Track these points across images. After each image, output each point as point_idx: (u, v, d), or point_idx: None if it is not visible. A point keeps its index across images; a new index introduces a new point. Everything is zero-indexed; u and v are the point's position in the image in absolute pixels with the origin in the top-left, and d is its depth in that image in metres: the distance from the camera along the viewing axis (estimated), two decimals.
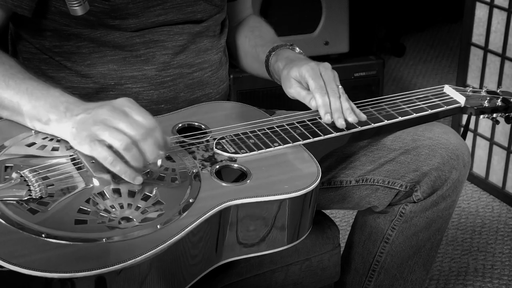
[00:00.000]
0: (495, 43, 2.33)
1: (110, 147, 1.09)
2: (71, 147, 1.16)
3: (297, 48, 1.43)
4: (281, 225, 1.17)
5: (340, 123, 1.28)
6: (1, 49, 1.25)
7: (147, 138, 1.08)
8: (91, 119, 1.10)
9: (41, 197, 1.06)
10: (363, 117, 1.30)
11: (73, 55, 1.32)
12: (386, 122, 1.34)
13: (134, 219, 1.05)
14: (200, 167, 1.17)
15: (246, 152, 1.21)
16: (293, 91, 1.33)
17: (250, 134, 1.25)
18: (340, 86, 1.30)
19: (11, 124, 1.20)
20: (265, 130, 1.27)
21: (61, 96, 1.16)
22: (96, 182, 1.10)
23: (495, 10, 2.31)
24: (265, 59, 1.44)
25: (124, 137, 1.07)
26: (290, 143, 1.24)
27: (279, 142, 1.24)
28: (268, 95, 2.43)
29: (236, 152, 1.21)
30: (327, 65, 1.32)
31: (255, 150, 1.21)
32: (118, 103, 1.11)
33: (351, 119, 1.28)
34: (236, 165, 1.19)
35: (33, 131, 1.19)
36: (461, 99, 1.42)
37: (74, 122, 1.12)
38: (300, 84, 1.32)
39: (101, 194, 1.08)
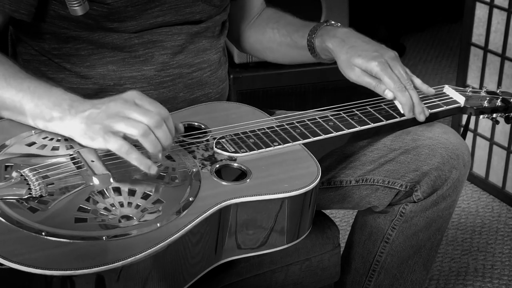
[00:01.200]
0: (495, 43, 2.34)
1: (124, 138, 1.10)
2: (71, 147, 1.16)
3: (332, 21, 1.44)
4: (281, 224, 1.17)
5: (422, 118, 1.33)
6: (2, 50, 1.25)
7: (162, 125, 1.11)
8: (103, 113, 1.11)
9: (41, 196, 1.06)
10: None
11: (72, 57, 1.32)
12: (385, 122, 1.34)
13: (134, 218, 1.05)
14: (200, 166, 1.17)
15: (246, 152, 1.21)
16: (357, 78, 1.35)
17: (250, 134, 1.25)
18: (407, 72, 1.34)
19: (12, 123, 1.20)
20: (265, 130, 1.27)
21: (64, 94, 1.17)
22: (96, 181, 1.10)
23: (495, 10, 2.31)
24: (308, 43, 1.44)
25: (140, 124, 1.09)
26: (290, 142, 1.24)
27: (279, 141, 1.24)
28: (268, 95, 2.43)
29: (236, 152, 1.21)
30: (391, 54, 1.34)
31: (255, 150, 1.22)
32: (128, 96, 1.13)
33: (427, 112, 1.34)
34: (236, 164, 1.19)
35: (33, 131, 1.19)
36: (460, 99, 1.42)
37: (82, 118, 1.13)
38: (364, 71, 1.34)
39: (101, 193, 1.08)
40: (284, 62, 1.59)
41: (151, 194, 1.10)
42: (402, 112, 1.34)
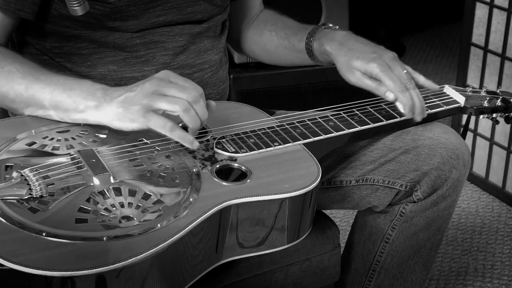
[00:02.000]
0: (495, 43, 2.34)
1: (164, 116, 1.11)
2: (72, 147, 1.16)
3: (330, 24, 1.45)
4: (281, 225, 1.17)
5: (419, 119, 1.34)
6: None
7: (200, 100, 1.13)
8: (139, 94, 1.12)
9: (41, 196, 1.06)
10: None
11: (73, 56, 1.32)
12: (386, 122, 1.34)
13: (135, 218, 1.05)
14: (200, 166, 1.17)
15: (246, 152, 1.21)
16: (357, 80, 1.35)
17: (251, 134, 1.25)
18: (407, 71, 1.34)
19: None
20: (265, 130, 1.27)
21: (94, 84, 1.18)
22: (96, 181, 1.10)
23: (495, 10, 2.31)
24: (306, 47, 1.44)
25: (181, 100, 1.11)
26: (290, 142, 1.24)
27: (279, 141, 1.24)
28: (268, 95, 2.43)
29: (236, 152, 1.21)
30: (390, 55, 1.34)
31: (255, 150, 1.22)
32: (162, 75, 1.15)
33: (425, 114, 1.35)
34: (236, 165, 1.19)
35: (33, 131, 1.19)
36: (460, 99, 1.42)
37: (119, 102, 1.14)
38: (363, 74, 1.34)
39: (102, 193, 1.08)
40: (281, 64, 1.59)
41: (151, 194, 1.10)
42: (402, 112, 1.34)
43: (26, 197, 1.05)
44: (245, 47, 1.59)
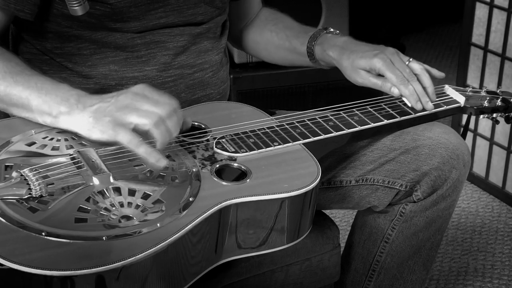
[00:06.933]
0: (495, 43, 2.34)
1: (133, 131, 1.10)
2: (71, 147, 1.16)
3: (331, 29, 1.46)
4: (281, 224, 1.17)
5: (430, 106, 1.35)
6: (5, 48, 1.25)
7: (174, 115, 1.11)
8: (112, 106, 1.11)
9: (41, 196, 1.06)
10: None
11: (74, 56, 1.32)
12: (386, 121, 1.34)
13: (134, 218, 1.05)
14: (200, 166, 1.17)
15: (246, 152, 1.21)
16: (363, 80, 1.37)
17: (250, 134, 1.25)
18: (409, 62, 1.36)
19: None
20: (265, 130, 1.27)
21: (71, 89, 1.17)
22: (96, 181, 1.10)
23: (495, 10, 2.31)
24: (307, 50, 1.46)
25: (152, 114, 1.09)
26: (290, 142, 1.24)
27: (279, 141, 1.24)
28: (268, 95, 2.43)
29: (236, 152, 1.21)
30: (391, 50, 1.36)
31: (255, 150, 1.22)
32: (138, 89, 1.13)
33: (434, 98, 1.37)
34: (236, 164, 1.19)
35: (33, 131, 1.19)
36: (461, 99, 1.42)
37: (91, 112, 1.13)
38: (368, 72, 1.36)
39: (101, 193, 1.08)
40: (282, 64, 1.60)
41: (151, 194, 1.10)
42: (410, 105, 1.35)
43: (26, 196, 1.05)
44: (246, 46, 1.60)
